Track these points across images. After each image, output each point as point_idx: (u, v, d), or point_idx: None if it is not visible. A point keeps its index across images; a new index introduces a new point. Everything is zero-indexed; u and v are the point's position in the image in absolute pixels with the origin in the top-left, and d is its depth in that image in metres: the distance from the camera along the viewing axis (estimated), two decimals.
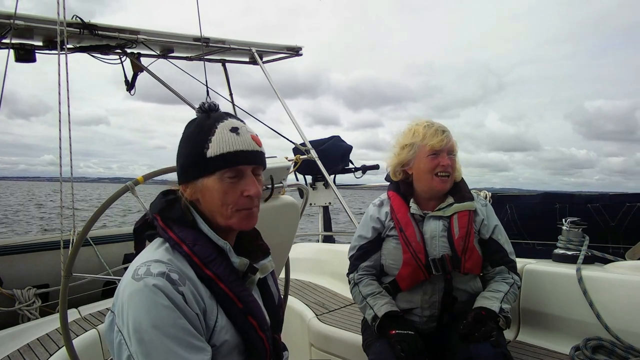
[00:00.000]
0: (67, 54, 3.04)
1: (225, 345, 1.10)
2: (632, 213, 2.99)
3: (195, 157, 1.13)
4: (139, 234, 1.21)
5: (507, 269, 1.96)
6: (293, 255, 2.20)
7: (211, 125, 1.15)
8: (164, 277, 1.02)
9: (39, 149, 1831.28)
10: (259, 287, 1.28)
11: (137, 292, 1.00)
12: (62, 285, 1.66)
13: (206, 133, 1.14)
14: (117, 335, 1.02)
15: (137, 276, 1.03)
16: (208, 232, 1.14)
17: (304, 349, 2.61)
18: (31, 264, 3.60)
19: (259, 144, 1.18)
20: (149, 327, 0.97)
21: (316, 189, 4.50)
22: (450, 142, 1.95)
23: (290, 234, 2.07)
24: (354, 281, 2.03)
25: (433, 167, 1.91)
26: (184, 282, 1.05)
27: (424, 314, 1.94)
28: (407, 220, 1.96)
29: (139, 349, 0.97)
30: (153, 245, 1.15)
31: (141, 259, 1.10)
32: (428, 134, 1.93)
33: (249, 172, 1.15)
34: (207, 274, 1.09)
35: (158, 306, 0.99)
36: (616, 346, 1.89)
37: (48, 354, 2.19)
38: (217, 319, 1.10)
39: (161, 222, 1.14)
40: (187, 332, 1.01)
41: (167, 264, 1.06)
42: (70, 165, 3.16)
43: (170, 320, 0.99)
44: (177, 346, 0.98)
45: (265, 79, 4.37)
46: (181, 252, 1.10)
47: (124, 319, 1.01)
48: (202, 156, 1.12)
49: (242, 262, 1.17)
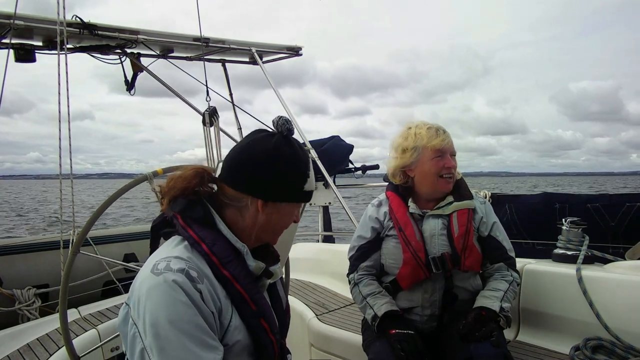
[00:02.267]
0: (67, 54, 3.04)
1: (237, 345, 1.12)
2: (632, 213, 2.99)
3: (297, 185, 1.21)
4: (156, 231, 1.23)
5: (506, 266, 1.97)
6: (293, 255, 2.20)
7: (307, 161, 1.23)
8: (183, 274, 1.03)
9: (23, 146, 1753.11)
10: (268, 292, 1.30)
11: (156, 287, 1.01)
12: (62, 285, 1.67)
13: (305, 167, 1.23)
14: (132, 328, 1.03)
15: (156, 271, 1.04)
16: (227, 234, 1.16)
17: (304, 349, 2.61)
18: (31, 264, 3.61)
19: None
20: (165, 322, 0.99)
21: (316, 189, 4.50)
22: (451, 142, 1.96)
23: (290, 234, 2.07)
24: (354, 281, 2.04)
25: (438, 169, 1.92)
26: (202, 280, 1.06)
27: (424, 312, 1.94)
28: (406, 220, 1.96)
29: (154, 343, 0.98)
30: (172, 243, 1.16)
31: (161, 255, 1.11)
32: (429, 135, 1.94)
33: None
34: (224, 274, 1.11)
35: (176, 302, 1.00)
36: (616, 346, 1.89)
37: (48, 354, 2.19)
38: (232, 319, 1.11)
39: (182, 221, 1.15)
40: (202, 329, 1.02)
41: (186, 261, 1.07)
42: (70, 165, 3.17)
43: (186, 317, 1.00)
44: (191, 343, 0.99)
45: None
46: (200, 251, 1.12)
47: (139, 312, 1.02)
48: (301, 187, 1.22)
49: (258, 266, 1.19)
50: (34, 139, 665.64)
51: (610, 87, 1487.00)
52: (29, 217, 25.51)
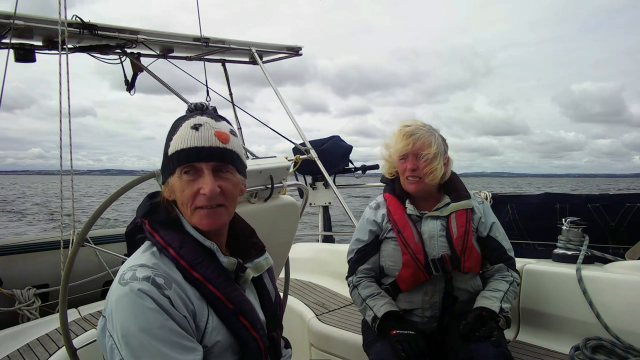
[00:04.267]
0: (67, 54, 3.04)
1: (218, 346, 1.10)
2: (632, 213, 2.99)
3: (163, 156, 1.13)
4: (130, 237, 1.21)
5: (506, 267, 1.97)
6: (293, 255, 2.20)
7: (178, 123, 1.14)
8: (149, 282, 1.02)
9: (24, 142, 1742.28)
10: (256, 286, 1.28)
11: (123, 297, 1.00)
12: (62, 284, 1.66)
13: (172, 131, 1.13)
14: (109, 340, 1.02)
15: (122, 281, 1.03)
16: (194, 234, 1.14)
17: (304, 349, 2.61)
18: (31, 264, 3.60)
19: (224, 141, 1.12)
20: (136, 331, 0.97)
21: (316, 189, 4.50)
22: (418, 144, 1.91)
23: (290, 234, 2.07)
24: (353, 284, 2.03)
25: (402, 170, 1.98)
26: (170, 286, 1.04)
27: (424, 314, 1.94)
28: (404, 222, 1.96)
29: (129, 352, 0.97)
30: (141, 249, 1.14)
31: (128, 264, 1.09)
32: (397, 139, 1.98)
33: (205, 169, 1.10)
34: (195, 277, 1.09)
35: (144, 310, 0.99)
36: (616, 346, 1.89)
37: (48, 354, 2.19)
38: (208, 320, 1.09)
39: (148, 226, 1.14)
40: (175, 333, 1.01)
41: (152, 269, 1.05)
42: (70, 166, 3.17)
43: (157, 323, 0.99)
44: (166, 348, 0.98)
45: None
46: (168, 256, 1.10)
47: (113, 324, 1.01)
48: (166, 154, 1.12)
49: (230, 262, 1.17)
50: (35, 135, 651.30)
51: (612, 89, 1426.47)
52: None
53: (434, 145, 1.93)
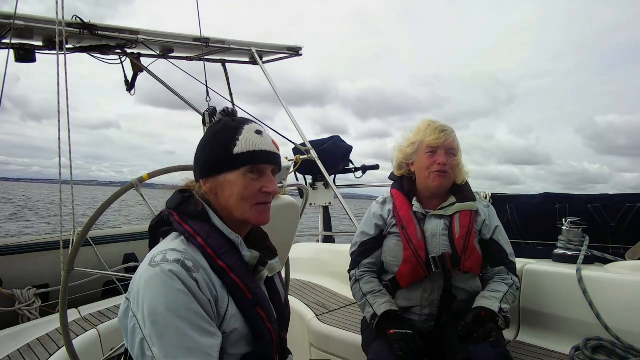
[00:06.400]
0: (67, 54, 3.04)
1: (235, 334, 1.14)
2: (632, 213, 2.99)
3: (222, 153, 1.20)
4: (154, 231, 1.26)
5: (507, 270, 1.97)
6: (293, 255, 2.20)
7: (238, 126, 1.23)
8: (179, 264, 1.07)
9: (50, 151, 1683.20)
10: (266, 287, 1.32)
11: (154, 277, 1.05)
12: (63, 283, 1.67)
13: (234, 132, 1.21)
14: (132, 320, 1.05)
15: (153, 263, 1.08)
16: (221, 226, 1.20)
17: (304, 349, 2.61)
18: (31, 264, 3.61)
19: (278, 148, 1.28)
20: (164, 309, 1.02)
21: (316, 189, 4.51)
22: (449, 140, 1.96)
23: (290, 234, 2.07)
24: (355, 277, 2.04)
25: (429, 164, 1.96)
26: (198, 270, 1.10)
27: (423, 312, 1.94)
28: (409, 218, 1.97)
29: (153, 330, 1.01)
30: (169, 239, 1.20)
31: (158, 249, 1.15)
32: (427, 131, 1.98)
33: (268, 171, 1.23)
34: (220, 265, 1.15)
35: (173, 290, 1.04)
36: (616, 346, 1.89)
37: (48, 354, 2.19)
38: (228, 308, 1.14)
39: (177, 217, 1.20)
40: (199, 316, 1.05)
41: (182, 253, 1.11)
42: (70, 165, 3.18)
43: (184, 304, 1.03)
44: (189, 329, 1.02)
45: (268, 83, 4.38)
46: (195, 244, 1.16)
47: (139, 304, 1.05)
48: (229, 152, 1.20)
49: (252, 255, 1.23)
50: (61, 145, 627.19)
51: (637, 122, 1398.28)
52: None
53: (460, 146, 2.00)
